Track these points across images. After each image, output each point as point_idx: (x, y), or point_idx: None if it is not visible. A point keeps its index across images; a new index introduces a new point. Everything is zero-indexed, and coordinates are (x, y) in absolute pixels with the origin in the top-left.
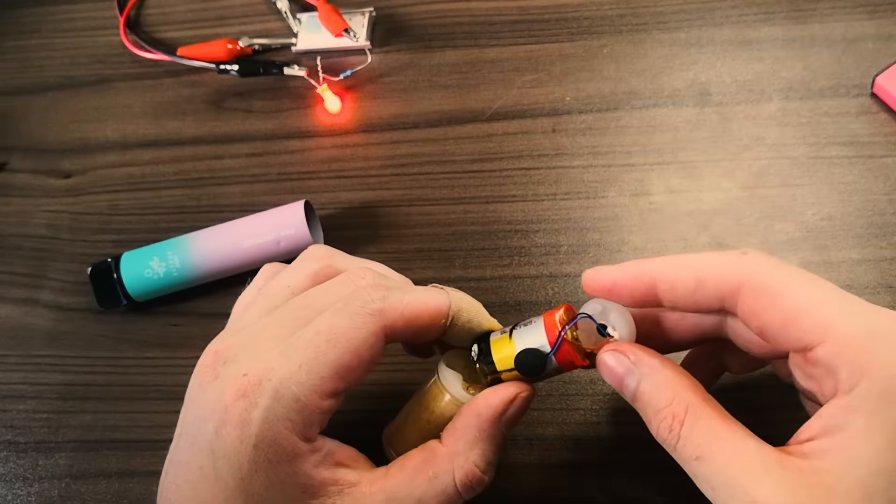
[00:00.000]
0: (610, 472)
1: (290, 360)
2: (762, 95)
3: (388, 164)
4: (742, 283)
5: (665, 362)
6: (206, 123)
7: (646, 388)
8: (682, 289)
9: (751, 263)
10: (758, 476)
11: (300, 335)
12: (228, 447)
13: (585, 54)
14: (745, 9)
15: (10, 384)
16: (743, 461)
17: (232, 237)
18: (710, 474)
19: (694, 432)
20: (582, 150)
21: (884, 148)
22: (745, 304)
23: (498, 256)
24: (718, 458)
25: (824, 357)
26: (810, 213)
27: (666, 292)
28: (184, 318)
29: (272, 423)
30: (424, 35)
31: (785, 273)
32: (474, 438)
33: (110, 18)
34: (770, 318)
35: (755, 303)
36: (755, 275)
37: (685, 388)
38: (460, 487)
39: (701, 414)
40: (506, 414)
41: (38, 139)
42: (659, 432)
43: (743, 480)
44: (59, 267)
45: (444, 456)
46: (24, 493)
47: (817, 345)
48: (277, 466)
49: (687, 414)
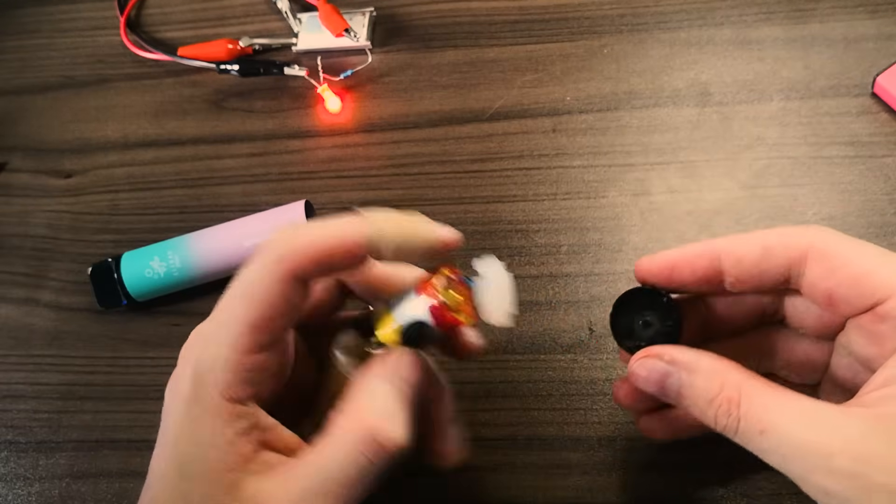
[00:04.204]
0: (610, 472)
1: (213, 321)
2: (763, 95)
3: (389, 164)
4: (810, 248)
5: (700, 353)
6: (207, 123)
7: (691, 383)
8: (749, 259)
9: (816, 232)
10: (824, 432)
11: (223, 298)
12: (169, 403)
13: (586, 54)
14: (746, 9)
15: (10, 384)
16: (807, 421)
17: (232, 237)
18: (777, 443)
19: (752, 409)
20: (582, 149)
21: (884, 148)
22: (813, 268)
23: (498, 256)
24: (783, 426)
25: (893, 311)
26: (811, 212)
27: (732, 266)
28: (184, 318)
29: (199, 378)
30: (425, 35)
31: (849, 239)
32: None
33: (111, 18)
34: (840, 278)
35: (824, 265)
36: (821, 241)
37: (731, 372)
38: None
39: (753, 391)
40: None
41: (39, 139)
42: (718, 420)
43: (811, 439)
44: (59, 267)
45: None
46: (24, 493)
47: (887, 298)
48: (202, 425)
49: (741, 394)
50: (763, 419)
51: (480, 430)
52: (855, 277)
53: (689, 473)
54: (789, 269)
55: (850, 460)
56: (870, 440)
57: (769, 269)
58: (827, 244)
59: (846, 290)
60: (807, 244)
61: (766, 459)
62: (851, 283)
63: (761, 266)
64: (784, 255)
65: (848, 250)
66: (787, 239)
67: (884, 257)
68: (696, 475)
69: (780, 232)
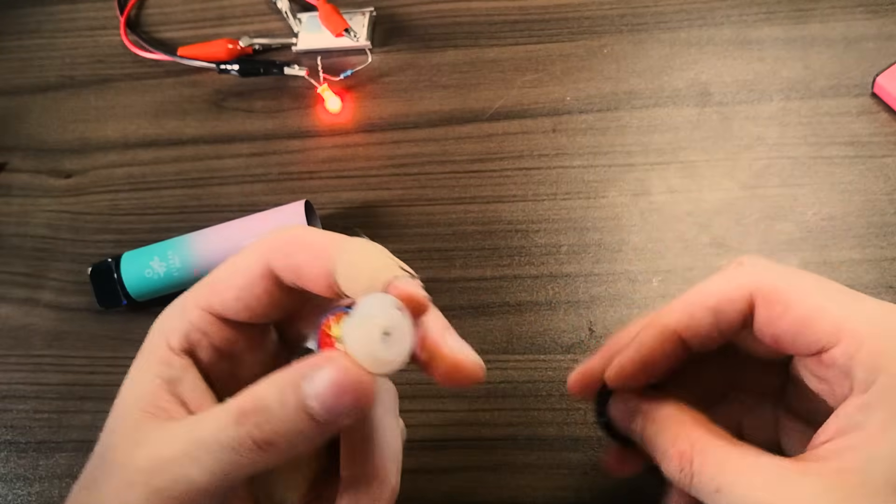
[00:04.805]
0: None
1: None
2: (763, 95)
3: (389, 164)
4: (755, 294)
5: (662, 402)
6: (207, 123)
7: (649, 432)
8: (704, 328)
9: (757, 274)
10: (780, 492)
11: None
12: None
13: (586, 54)
14: (746, 9)
15: (10, 384)
16: (762, 481)
17: (232, 237)
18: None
19: (706, 466)
20: (582, 149)
21: (884, 148)
22: (759, 313)
23: (498, 256)
24: (737, 485)
25: (840, 358)
26: (811, 212)
27: (692, 338)
28: None
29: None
30: (425, 35)
31: (790, 279)
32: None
33: (111, 18)
34: (784, 327)
35: (769, 311)
36: (765, 284)
37: (686, 425)
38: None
39: (708, 446)
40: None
41: (39, 139)
42: (671, 473)
43: (767, 500)
44: (59, 267)
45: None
46: (24, 493)
47: (832, 347)
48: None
49: (694, 450)
50: (716, 477)
51: (480, 430)
52: (799, 323)
53: None
54: (744, 320)
55: None
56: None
57: (726, 327)
58: (770, 289)
59: (791, 336)
60: (749, 292)
61: None
62: (796, 330)
63: (719, 328)
64: (733, 310)
65: (791, 293)
66: (730, 292)
67: (828, 297)
68: None
69: (721, 287)
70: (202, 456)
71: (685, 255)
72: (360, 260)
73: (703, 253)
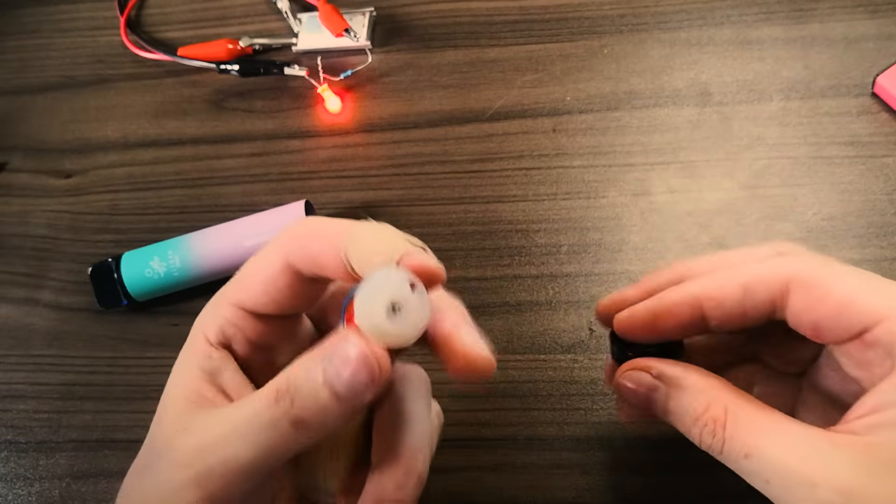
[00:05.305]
0: (610, 472)
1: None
2: (763, 95)
3: (389, 164)
4: (791, 280)
5: (688, 368)
6: (207, 123)
7: (678, 399)
8: (731, 302)
9: (795, 262)
10: (810, 460)
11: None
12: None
13: (586, 54)
14: (746, 9)
15: (10, 384)
16: (793, 448)
17: (232, 237)
18: (761, 468)
19: (738, 431)
20: (582, 149)
21: (884, 148)
22: (796, 299)
23: (498, 256)
24: (768, 450)
25: (883, 336)
26: (811, 213)
27: (713, 310)
28: (184, 318)
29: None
30: (425, 35)
31: (830, 267)
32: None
33: (111, 18)
34: (825, 309)
35: (808, 296)
36: (802, 272)
37: (718, 389)
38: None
39: (740, 411)
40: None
41: (39, 139)
42: (703, 439)
43: (796, 467)
44: (59, 267)
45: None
46: (24, 493)
47: (875, 325)
48: (182, 360)
49: (727, 415)
50: (748, 443)
51: (480, 430)
52: (839, 307)
53: (690, 473)
54: (773, 305)
55: (833, 492)
56: (856, 472)
57: (752, 308)
58: (808, 275)
59: (832, 320)
60: (787, 277)
61: (749, 481)
62: (836, 313)
63: (744, 306)
64: (765, 291)
65: (829, 279)
66: (767, 274)
67: (866, 283)
68: (697, 475)
69: (758, 268)
70: (247, 435)
71: (685, 255)
72: (370, 241)
73: (704, 253)
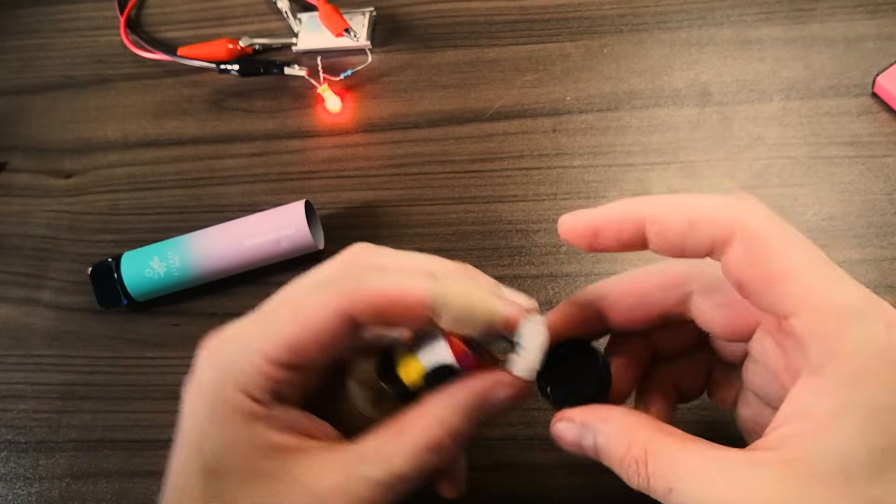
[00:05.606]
0: (610, 472)
1: (254, 324)
2: (763, 95)
3: (389, 164)
4: (735, 232)
5: (611, 410)
6: (207, 123)
7: (601, 443)
8: (674, 231)
9: (747, 212)
10: (730, 485)
11: (270, 303)
12: (190, 399)
13: (586, 54)
14: (746, 9)
15: (10, 384)
16: (713, 476)
17: (232, 237)
18: (686, 501)
19: (658, 468)
20: (582, 149)
21: (884, 148)
22: (733, 254)
23: (498, 256)
24: (688, 482)
25: (798, 330)
26: (811, 212)
27: (655, 234)
28: (184, 318)
29: (222, 377)
30: (425, 35)
31: (779, 230)
32: (450, 406)
33: (111, 18)
34: (754, 275)
35: (744, 256)
36: (749, 226)
37: (637, 429)
38: (426, 449)
39: (659, 447)
40: (489, 393)
41: (39, 139)
42: (629, 478)
43: (718, 495)
44: (59, 267)
45: (416, 418)
46: (24, 493)
47: (792, 315)
48: (230, 423)
49: (647, 454)
50: (669, 477)
51: (481, 430)
52: (769, 278)
53: None
54: (712, 247)
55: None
56: (776, 491)
57: (692, 244)
58: (753, 230)
59: (758, 288)
60: (734, 225)
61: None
62: (764, 283)
63: (685, 239)
64: (708, 232)
65: (773, 242)
66: (715, 216)
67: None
68: None
69: (709, 204)
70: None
71: None
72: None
73: None
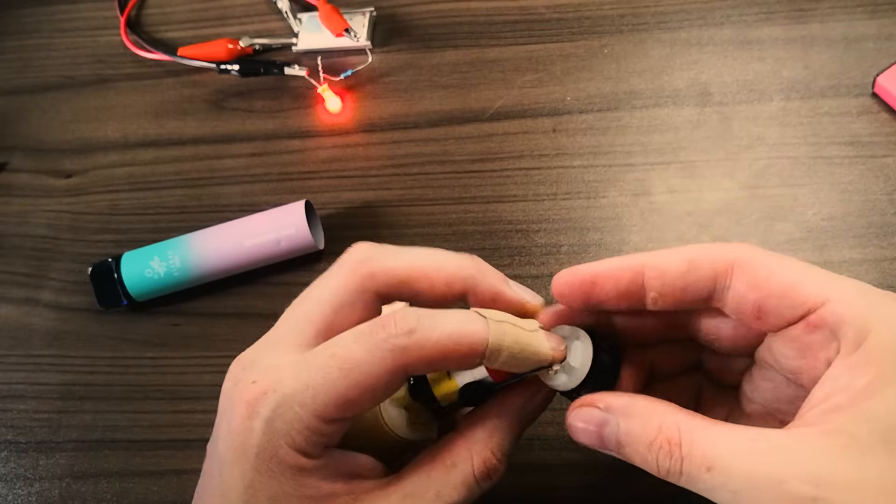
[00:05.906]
0: (610, 472)
1: (299, 378)
2: (763, 95)
3: (389, 164)
4: (735, 262)
5: (635, 397)
6: (207, 123)
7: (627, 428)
8: (673, 273)
9: (741, 247)
10: (772, 458)
11: (316, 353)
12: (233, 455)
13: (586, 54)
14: (746, 9)
15: (10, 384)
16: (752, 451)
17: (232, 237)
18: (726, 479)
19: (694, 447)
20: (582, 149)
21: (885, 148)
22: (740, 280)
23: (498, 256)
24: (729, 459)
25: (829, 316)
26: (811, 213)
27: (654, 279)
28: (184, 318)
29: (272, 436)
30: (425, 35)
31: (773, 254)
32: (493, 427)
33: (111, 18)
34: (769, 289)
35: (751, 277)
36: (748, 254)
37: (668, 412)
38: (478, 475)
39: (694, 428)
40: (526, 407)
41: (39, 139)
42: (660, 463)
43: (760, 468)
44: (59, 267)
45: (461, 445)
46: (24, 493)
47: (821, 305)
48: (280, 478)
49: (681, 433)
50: (708, 455)
51: None
52: (784, 287)
53: None
54: (714, 282)
55: (801, 483)
56: (819, 460)
57: (693, 283)
58: (752, 257)
59: (776, 300)
60: (732, 258)
61: (714, 497)
62: (781, 294)
63: (686, 279)
64: (710, 267)
65: (773, 263)
66: (713, 253)
67: (809, 269)
68: None
69: (706, 247)
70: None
71: None
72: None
73: None
